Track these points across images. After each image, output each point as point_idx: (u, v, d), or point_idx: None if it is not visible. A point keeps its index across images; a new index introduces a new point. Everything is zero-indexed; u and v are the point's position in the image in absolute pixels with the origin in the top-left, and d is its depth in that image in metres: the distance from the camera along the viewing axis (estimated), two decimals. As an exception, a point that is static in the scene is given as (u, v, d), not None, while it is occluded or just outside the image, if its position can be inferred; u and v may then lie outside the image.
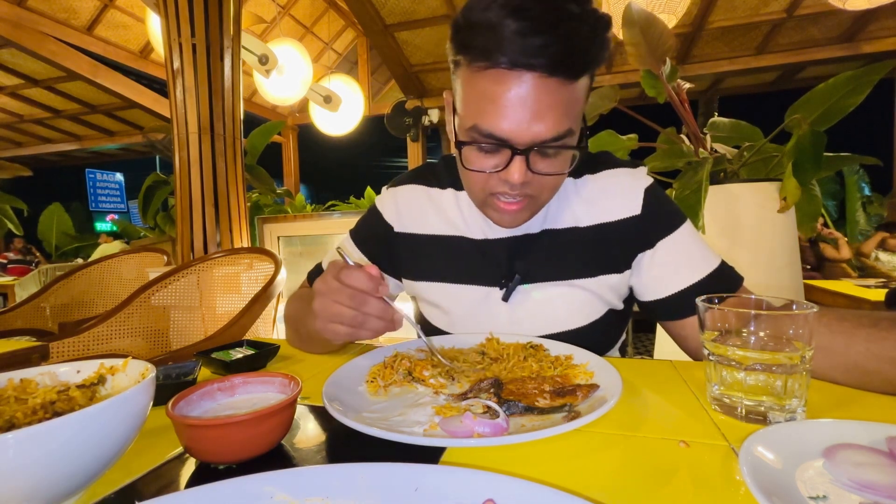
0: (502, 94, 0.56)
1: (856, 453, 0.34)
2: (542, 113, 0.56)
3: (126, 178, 11.04)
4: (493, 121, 0.57)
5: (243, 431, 0.39)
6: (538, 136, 0.57)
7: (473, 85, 0.59)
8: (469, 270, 0.77)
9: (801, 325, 0.43)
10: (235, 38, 2.33)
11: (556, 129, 0.57)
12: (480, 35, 0.55)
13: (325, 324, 0.57)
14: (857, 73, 1.52)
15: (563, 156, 0.62)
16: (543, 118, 0.56)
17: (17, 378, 0.42)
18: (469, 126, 0.60)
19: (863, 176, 6.46)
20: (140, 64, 4.82)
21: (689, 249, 0.70)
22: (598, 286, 0.72)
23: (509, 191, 0.62)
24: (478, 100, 0.58)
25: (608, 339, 0.79)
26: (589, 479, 0.35)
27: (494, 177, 0.63)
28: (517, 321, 0.74)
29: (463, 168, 0.65)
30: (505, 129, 0.57)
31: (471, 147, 0.62)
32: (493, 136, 0.58)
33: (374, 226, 0.86)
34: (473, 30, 0.56)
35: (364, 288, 0.54)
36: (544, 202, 0.68)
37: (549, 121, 0.57)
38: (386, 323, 0.56)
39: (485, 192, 0.65)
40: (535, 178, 0.61)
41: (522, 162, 0.59)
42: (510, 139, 0.58)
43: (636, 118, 1.91)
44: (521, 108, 0.56)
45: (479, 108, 0.58)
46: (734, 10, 4.14)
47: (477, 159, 0.63)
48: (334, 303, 0.55)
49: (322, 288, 0.57)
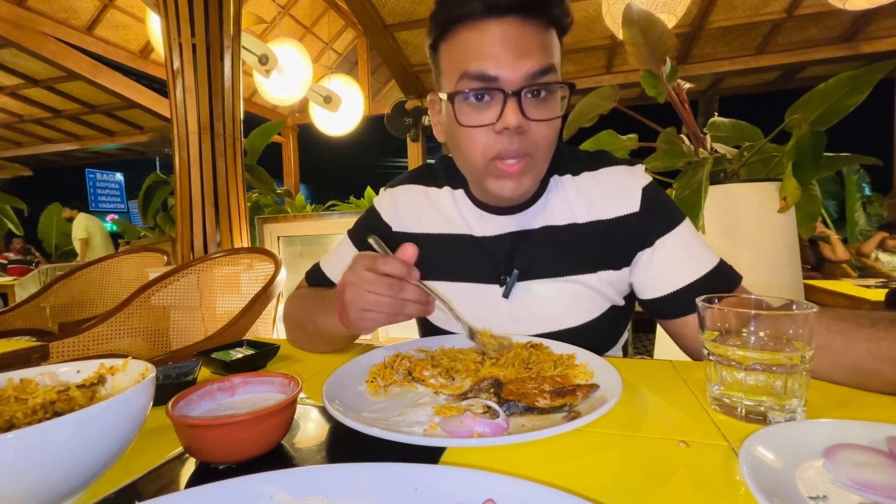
0: (485, 38, 0.60)
1: (856, 453, 0.34)
2: (525, 49, 0.60)
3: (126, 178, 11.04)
4: (480, 62, 0.60)
5: (243, 431, 0.39)
6: (527, 69, 0.60)
7: (455, 47, 0.63)
8: (469, 268, 0.77)
9: (801, 325, 0.43)
10: (235, 38, 2.33)
11: (542, 62, 0.60)
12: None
13: (361, 313, 0.57)
14: (857, 73, 1.52)
15: (552, 100, 0.63)
16: (528, 53, 0.60)
17: (17, 378, 0.42)
18: (459, 77, 0.62)
19: (863, 176, 6.46)
20: (140, 64, 4.82)
21: (688, 248, 0.70)
22: (598, 282, 0.72)
23: (509, 145, 0.63)
24: (462, 53, 0.62)
25: (610, 337, 0.79)
26: (589, 479, 0.35)
27: (492, 137, 0.63)
28: (518, 318, 0.75)
29: (456, 129, 0.66)
30: (492, 67, 0.60)
31: (462, 102, 0.64)
32: (483, 76, 0.61)
33: (372, 226, 0.86)
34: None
35: (401, 275, 0.55)
36: (542, 162, 0.68)
37: (533, 55, 0.60)
38: (422, 306, 0.58)
39: (485, 157, 0.65)
40: (531, 129, 0.63)
41: (515, 105, 0.60)
42: (499, 78, 0.60)
43: (636, 118, 1.91)
44: (504, 46, 0.60)
45: (466, 58, 0.62)
46: (734, 10, 4.14)
47: (471, 113, 0.64)
48: (369, 293, 0.56)
49: (354, 279, 0.57)
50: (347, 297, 0.58)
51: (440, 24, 0.64)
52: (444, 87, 0.67)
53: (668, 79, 1.75)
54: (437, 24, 0.65)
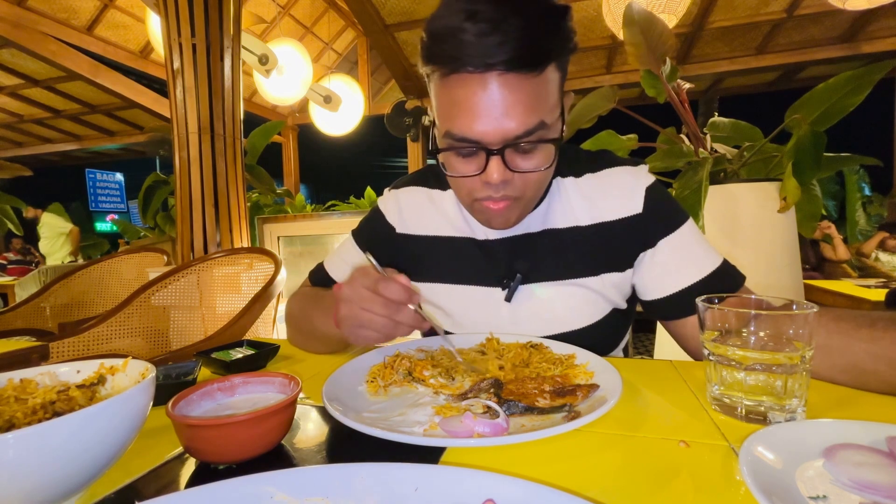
0: (469, 97, 0.57)
1: (856, 453, 0.34)
2: (509, 110, 0.57)
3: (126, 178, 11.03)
4: (464, 124, 0.59)
5: (243, 431, 0.39)
6: (509, 132, 0.58)
7: (443, 93, 0.61)
8: (471, 271, 0.77)
9: (801, 325, 0.43)
10: (235, 38, 2.33)
11: (526, 124, 0.58)
12: (443, 43, 0.57)
13: (355, 330, 0.57)
14: (858, 73, 1.52)
15: (540, 151, 0.62)
16: (511, 114, 0.57)
17: (17, 378, 0.42)
18: (444, 133, 0.62)
19: (863, 176, 6.46)
20: (140, 64, 4.81)
21: (691, 248, 0.70)
22: (601, 285, 0.72)
23: (493, 193, 0.63)
24: (448, 106, 0.60)
25: (612, 340, 0.78)
26: (589, 479, 0.35)
27: (477, 181, 0.63)
28: (520, 321, 0.74)
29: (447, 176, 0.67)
30: (475, 130, 0.58)
31: (448, 154, 0.63)
32: (465, 140, 0.60)
33: (376, 227, 0.86)
34: (436, 40, 0.58)
35: (400, 299, 0.55)
36: (531, 200, 0.68)
37: (517, 116, 0.57)
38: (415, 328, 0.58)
39: (470, 198, 0.66)
40: (515, 177, 0.62)
41: (499, 161, 0.60)
42: (482, 140, 0.59)
43: (636, 118, 1.91)
44: (488, 107, 0.57)
45: (450, 114, 0.60)
46: (734, 10, 4.14)
47: (456, 165, 0.64)
48: (364, 311, 0.55)
49: (351, 295, 0.57)
50: (343, 311, 0.57)
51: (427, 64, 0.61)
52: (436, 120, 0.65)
53: (668, 79, 1.75)
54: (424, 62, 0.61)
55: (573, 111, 1.90)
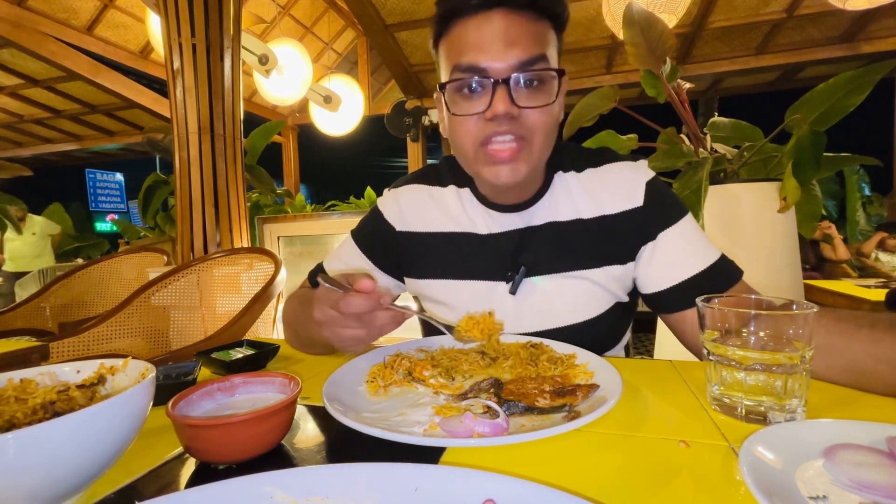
0: (475, 32, 0.62)
1: (856, 453, 0.34)
2: (513, 39, 0.61)
3: (126, 178, 11.04)
4: (470, 54, 0.62)
5: (243, 431, 0.39)
6: (513, 60, 0.61)
7: (450, 42, 0.65)
8: (474, 266, 0.78)
9: (801, 325, 0.43)
10: (235, 38, 2.33)
11: (530, 52, 0.62)
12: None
13: (341, 344, 0.59)
14: (858, 73, 1.52)
15: (545, 88, 0.64)
16: (515, 43, 0.61)
17: (17, 378, 0.42)
18: (450, 71, 0.64)
19: (863, 176, 6.46)
20: (140, 64, 4.81)
21: (690, 242, 0.70)
22: (604, 277, 0.73)
23: (497, 128, 0.63)
24: (455, 47, 0.64)
25: (614, 334, 0.79)
26: (589, 479, 0.35)
27: (482, 123, 0.64)
28: (524, 315, 0.75)
29: (452, 120, 0.67)
30: (481, 59, 0.62)
31: (454, 93, 0.65)
32: (472, 68, 0.62)
33: (375, 227, 0.86)
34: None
35: (367, 310, 0.55)
36: (538, 150, 0.66)
37: (521, 45, 0.61)
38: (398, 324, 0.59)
39: (476, 143, 0.66)
40: (522, 114, 0.63)
41: (504, 92, 0.61)
42: (488, 69, 0.62)
43: (636, 118, 1.91)
44: (493, 37, 0.62)
45: (457, 51, 0.64)
46: (734, 10, 4.14)
47: (462, 103, 0.65)
48: (344, 329, 0.57)
49: (324, 319, 0.58)
50: (325, 334, 0.59)
51: (437, 22, 0.67)
52: (441, 79, 0.68)
53: (668, 79, 1.75)
54: (435, 23, 0.67)
55: (573, 111, 1.90)
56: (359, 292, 0.55)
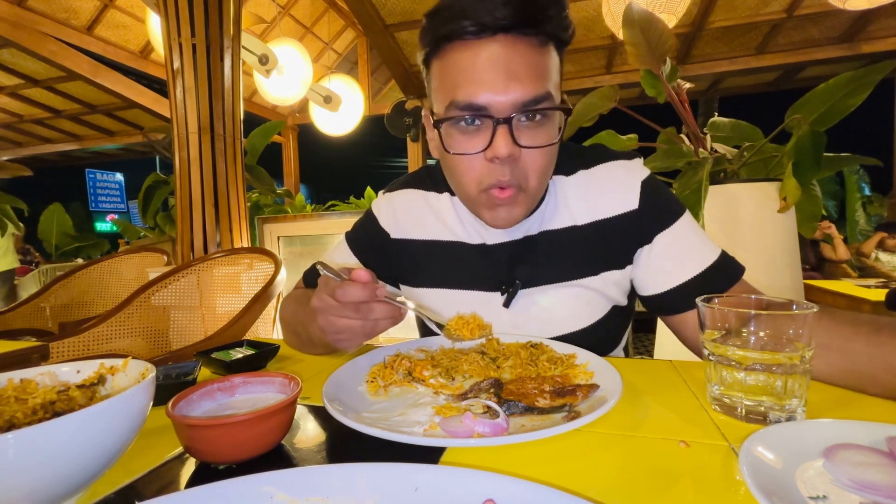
0: (473, 61, 0.56)
1: (856, 453, 0.34)
2: (516, 73, 0.56)
3: (126, 178, 11.04)
4: (468, 89, 0.57)
5: (243, 431, 0.39)
6: (517, 98, 0.56)
7: (444, 68, 0.59)
8: (468, 276, 0.76)
9: (801, 325, 0.43)
10: (235, 38, 2.33)
11: (535, 91, 0.56)
12: (445, 12, 0.57)
13: (335, 336, 0.56)
14: (858, 73, 1.52)
15: (548, 125, 0.60)
16: (519, 78, 0.56)
17: (17, 378, 0.42)
18: (446, 105, 0.59)
19: (863, 176, 6.46)
20: (140, 64, 4.81)
21: (688, 243, 0.69)
22: (601, 284, 0.72)
23: (500, 176, 0.60)
24: (451, 77, 0.59)
25: (612, 338, 0.78)
26: (589, 479, 0.35)
27: (483, 166, 0.61)
28: (520, 325, 0.74)
29: (447, 155, 0.63)
30: (481, 95, 0.56)
31: (451, 128, 0.60)
32: (471, 107, 0.57)
33: (369, 232, 0.84)
34: (438, 14, 0.58)
35: (364, 299, 0.53)
36: (535, 192, 0.65)
37: (525, 81, 0.56)
38: (393, 320, 0.57)
39: (475, 187, 0.63)
40: (522, 156, 0.60)
41: (506, 132, 0.57)
42: (489, 106, 0.57)
43: (636, 118, 1.91)
44: (494, 71, 0.55)
45: (454, 84, 0.58)
46: (734, 10, 4.14)
47: (460, 140, 0.61)
48: (339, 318, 0.55)
49: (321, 306, 0.56)
50: (320, 323, 0.57)
51: (429, 42, 0.61)
52: (435, 108, 0.64)
53: (668, 79, 1.75)
54: (426, 42, 0.62)
55: (573, 111, 1.90)
56: (355, 281, 0.54)
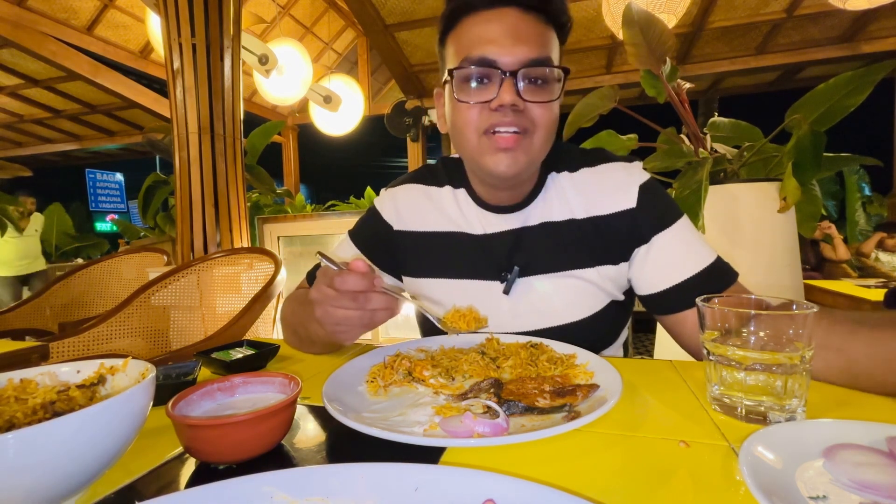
0: (486, 26, 0.64)
1: (856, 453, 0.34)
2: (523, 37, 0.64)
3: (126, 178, 11.04)
4: (481, 46, 0.64)
5: (243, 431, 0.39)
6: (523, 56, 0.63)
7: (459, 36, 0.67)
8: (469, 265, 0.78)
9: (801, 325, 0.43)
10: (235, 38, 2.33)
11: (539, 52, 0.64)
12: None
13: (333, 328, 0.57)
14: (858, 73, 1.52)
15: (549, 87, 0.66)
16: (526, 41, 0.64)
17: (17, 378, 0.42)
18: (460, 61, 0.65)
19: (863, 176, 6.46)
20: (140, 64, 4.81)
21: (684, 245, 0.71)
22: (598, 276, 0.73)
23: (502, 117, 0.64)
24: (465, 40, 0.66)
25: (610, 332, 0.79)
26: (589, 479, 0.35)
27: (487, 112, 0.65)
28: (519, 314, 0.75)
29: (455, 109, 0.68)
30: (492, 51, 0.64)
31: (461, 81, 0.66)
32: (482, 60, 0.64)
33: (372, 226, 0.86)
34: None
35: (362, 288, 0.54)
36: (539, 145, 0.68)
37: (531, 43, 0.64)
38: (391, 311, 0.57)
39: (479, 131, 0.67)
40: (525, 108, 0.65)
41: (511, 84, 0.63)
42: (497, 61, 0.63)
43: (636, 118, 1.91)
44: (504, 33, 0.64)
45: (468, 44, 0.65)
46: (734, 10, 4.14)
47: (469, 91, 0.66)
48: (337, 308, 0.55)
49: (319, 297, 0.57)
50: (318, 313, 0.57)
51: (447, 17, 0.68)
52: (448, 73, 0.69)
53: (668, 79, 1.75)
54: (443, 19, 0.69)
55: (574, 111, 1.90)
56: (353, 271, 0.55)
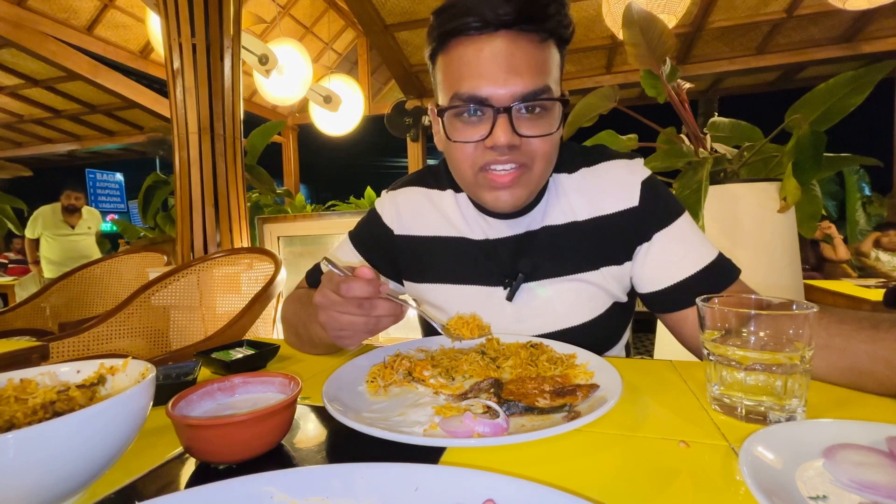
0: (477, 56, 0.59)
1: (856, 453, 0.34)
2: (517, 68, 0.59)
3: (126, 178, 11.02)
4: (471, 82, 0.60)
5: (243, 431, 0.39)
6: (516, 90, 0.59)
7: (449, 62, 0.62)
8: (471, 271, 0.77)
9: (801, 325, 0.43)
10: (235, 38, 2.33)
11: (534, 84, 0.59)
12: (451, 9, 0.60)
13: (337, 333, 0.57)
14: (858, 73, 1.52)
15: (547, 116, 0.62)
16: (519, 73, 0.59)
17: (17, 378, 0.42)
18: (450, 97, 0.62)
19: (863, 176, 6.45)
20: (140, 64, 4.81)
21: (686, 242, 0.70)
22: (601, 279, 0.73)
23: (498, 156, 0.62)
24: (455, 70, 0.62)
25: (613, 335, 0.79)
26: (589, 479, 0.35)
27: (482, 150, 0.63)
28: (522, 319, 0.75)
29: (449, 143, 0.65)
30: (483, 87, 0.59)
31: (454, 117, 0.63)
32: (473, 98, 0.60)
33: (373, 230, 0.86)
34: (445, 11, 0.61)
35: (367, 295, 0.54)
36: (539, 175, 0.66)
37: (525, 75, 0.59)
38: (395, 317, 0.57)
39: (475, 168, 0.65)
40: (523, 143, 0.62)
41: (506, 122, 0.60)
42: (489, 98, 0.60)
43: (636, 118, 1.91)
44: (495, 65, 0.59)
45: (457, 77, 0.61)
46: (734, 10, 4.14)
47: (462, 129, 0.63)
48: (342, 314, 0.55)
49: (324, 302, 0.57)
50: (322, 319, 0.57)
51: (436, 38, 0.64)
52: (440, 101, 0.67)
53: (668, 79, 1.75)
54: (433, 38, 0.65)
55: (573, 111, 1.90)
56: (359, 277, 0.54)
